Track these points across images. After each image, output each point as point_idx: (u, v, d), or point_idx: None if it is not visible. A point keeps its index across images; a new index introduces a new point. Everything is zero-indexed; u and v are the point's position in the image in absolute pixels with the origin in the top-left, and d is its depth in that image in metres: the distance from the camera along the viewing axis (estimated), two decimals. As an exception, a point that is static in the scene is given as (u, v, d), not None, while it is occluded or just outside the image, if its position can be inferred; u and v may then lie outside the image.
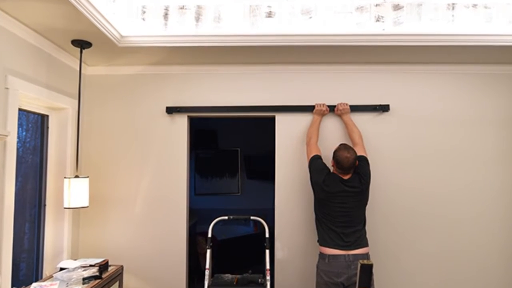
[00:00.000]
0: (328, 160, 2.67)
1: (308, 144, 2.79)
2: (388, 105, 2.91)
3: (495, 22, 2.47)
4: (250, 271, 2.80)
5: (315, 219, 2.61)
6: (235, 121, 4.88)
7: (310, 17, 2.49)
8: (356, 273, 2.25)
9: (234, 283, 2.64)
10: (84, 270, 2.44)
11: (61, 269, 2.51)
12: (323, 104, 2.86)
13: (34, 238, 2.65)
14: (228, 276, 2.74)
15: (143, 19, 2.50)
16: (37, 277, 2.64)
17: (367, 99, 2.93)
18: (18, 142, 2.23)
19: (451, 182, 2.90)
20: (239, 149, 5.44)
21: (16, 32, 2.16)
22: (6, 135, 2.00)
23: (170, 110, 2.96)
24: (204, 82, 3.00)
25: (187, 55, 2.75)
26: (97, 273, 2.45)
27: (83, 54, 2.55)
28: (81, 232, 2.95)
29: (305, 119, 2.93)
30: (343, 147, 2.53)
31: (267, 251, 2.74)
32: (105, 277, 2.51)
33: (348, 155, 2.47)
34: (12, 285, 2.14)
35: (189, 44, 2.54)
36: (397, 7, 2.49)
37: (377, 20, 2.49)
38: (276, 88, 2.97)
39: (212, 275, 2.78)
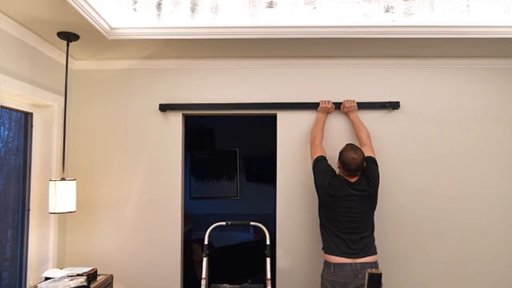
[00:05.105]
0: (333, 162, 2.67)
1: (312, 144, 2.78)
2: (398, 102, 2.90)
3: (514, 13, 2.47)
4: (249, 281, 2.80)
5: (320, 224, 2.61)
6: (234, 119, 4.86)
7: (314, 8, 2.48)
8: (363, 283, 2.24)
9: (233, 293, 2.64)
10: (71, 280, 2.43)
11: (46, 278, 2.50)
12: (328, 101, 2.86)
13: (17, 246, 2.64)
14: (226, 286, 2.74)
15: (135, 9, 2.49)
16: (21, 287, 2.63)
17: (375, 95, 2.93)
18: (-1, 142, 2.22)
19: (465, 185, 2.89)
20: (237, 150, 5.44)
21: (-2, 23, 2.15)
22: (-13, 135, 2.00)
23: (164, 108, 2.95)
24: (200, 78, 2.99)
25: (182, 48, 2.75)
26: (85, 283, 2.45)
27: (70, 47, 2.55)
28: (67, 239, 2.94)
29: (308, 117, 2.92)
30: (349, 147, 2.53)
31: (268, 260, 2.74)
32: (94, 287, 2.51)
33: (355, 156, 2.46)
34: (-7, 296, 2.14)
35: (184, 37, 2.54)
36: (408, -3, 2.48)
37: (386, 11, 2.48)
38: (278, 84, 2.97)
39: (209, 285, 2.78)
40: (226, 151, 5.44)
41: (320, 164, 2.62)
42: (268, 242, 2.77)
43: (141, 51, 2.81)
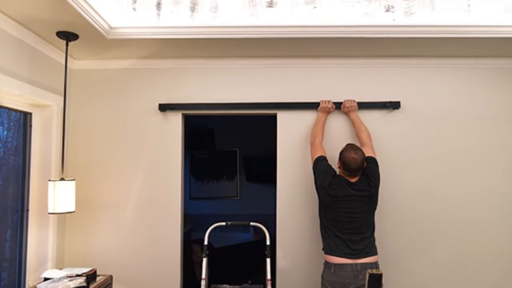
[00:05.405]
0: (334, 162, 2.66)
1: (312, 144, 2.78)
2: (398, 102, 2.90)
3: (515, 12, 2.46)
4: (249, 282, 2.80)
5: (320, 225, 2.61)
6: (234, 119, 4.86)
7: (315, 7, 2.48)
8: (364, 284, 2.24)
9: (233, 294, 2.63)
10: (70, 280, 2.43)
11: (46, 279, 2.50)
12: (329, 101, 2.85)
13: (16, 246, 2.64)
14: (226, 286, 2.73)
15: (134, 9, 2.49)
16: (20, 287, 2.64)
17: (376, 95, 2.92)
18: (-2, 142, 2.22)
19: (465, 185, 2.89)
20: (237, 150, 5.43)
21: (-3, 23, 2.15)
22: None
23: (163, 108, 2.95)
24: (200, 77, 2.99)
25: (181, 48, 2.74)
26: (84, 284, 2.44)
27: (69, 47, 2.54)
28: (67, 239, 2.94)
29: (309, 117, 2.92)
30: (350, 147, 2.53)
31: (268, 260, 2.73)
32: (93, 288, 2.51)
33: (356, 156, 2.46)
34: (-8, 296, 2.14)
35: (184, 36, 2.53)
36: (408, -4, 2.48)
37: (387, 10, 2.48)
38: (278, 83, 2.97)
39: (208, 285, 2.77)
40: (226, 151, 5.44)
41: (320, 164, 2.62)
42: (268, 242, 2.77)
43: (140, 51, 2.81)
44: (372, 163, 2.60)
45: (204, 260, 2.73)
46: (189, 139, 5.07)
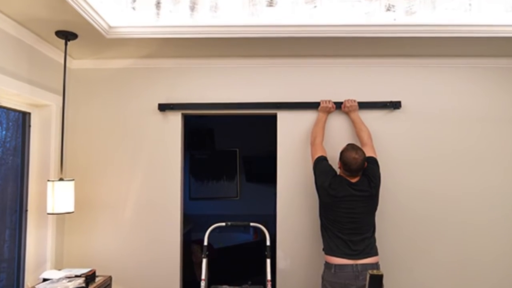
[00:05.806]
0: (334, 162, 2.66)
1: (312, 144, 2.78)
2: (399, 102, 2.90)
3: (516, 12, 2.46)
4: (249, 282, 2.80)
5: (320, 225, 2.60)
6: (234, 119, 4.85)
7: (315, 6, 2.48)
8: (364, 284, 2.24)
9: (232, 295, 2.63)
10: (69, 281, 2.43)
11: (44, 280, 2.49)
12: (329, 101, 2.85)
13: (15, 247, 2.63)
14: (226, 287, 2.73)
15: (133, 8, 2.49)
16: (18, 288, 2.63)
17: (376, 95, 2.92)
18: (-3, 142, 2.22)
19: (466, 185, 2.89)
20: (237, 150, 5.43)
21: (-5, 22, 2.15)
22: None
23: (163, 107, 2.94)
24: (199, 77, 2.99)
25: (181, 47, 2.74)
26: (83, 284, 2.44)
27: (68, 46, 2.54)
28: (66, 240, 2.94)
29: (309, 117, 2.91)
30: (350, 147, 2.52)
31: (268, 261, 2.73)
32: (92, 289, 2.51)
33: (356, 156, 2.46)
34: (-9, 297, 2.14)
35: (184, 35, 2.53)
36: (409, -5, 2.48)
37: (388, 10, 2.48)
38: (278, 83, 2.96)
39: (208, 286, 2.77)
40: (226, 151, 5.43)
41: (320, 165, 2.62)
42: (268, 243, 2.77)
43: (140, 50, 2.80)
44: (372, 163, 2.60)
45: (204, 261, 2.73)
46: (189, 139, 5.07)
